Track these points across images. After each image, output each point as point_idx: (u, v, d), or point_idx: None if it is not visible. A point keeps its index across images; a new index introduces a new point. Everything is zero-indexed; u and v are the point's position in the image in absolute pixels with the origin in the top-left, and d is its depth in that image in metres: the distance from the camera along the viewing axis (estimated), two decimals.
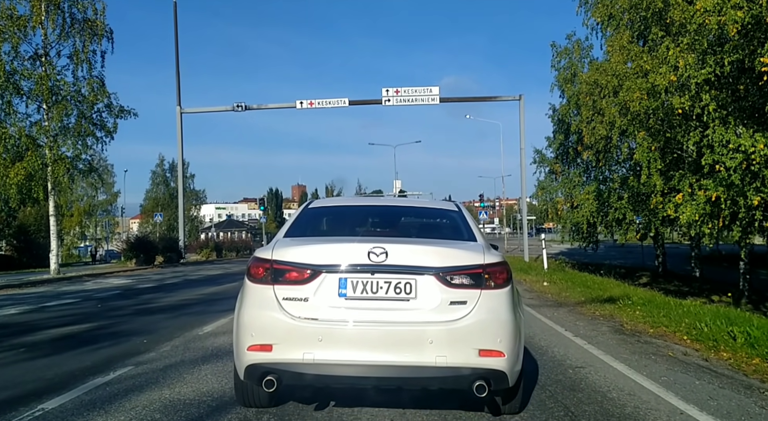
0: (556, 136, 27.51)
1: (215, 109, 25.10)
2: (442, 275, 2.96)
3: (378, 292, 2.96)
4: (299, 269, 3.00)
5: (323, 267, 2.98)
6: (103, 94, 17.28)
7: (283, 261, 3.03)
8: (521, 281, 13.14)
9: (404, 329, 2.91)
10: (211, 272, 17.94)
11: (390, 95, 24.07)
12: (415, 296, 2.95)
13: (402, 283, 2.96)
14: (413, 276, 2.96)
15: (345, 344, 2.90)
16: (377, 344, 2.89)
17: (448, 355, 2.86)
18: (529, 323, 7.27)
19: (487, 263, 3.04)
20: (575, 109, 24.60)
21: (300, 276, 2.99)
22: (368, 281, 2.97)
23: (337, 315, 2.93)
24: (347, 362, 2.88)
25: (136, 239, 21.92)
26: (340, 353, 2.88)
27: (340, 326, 2.92)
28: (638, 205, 19.81)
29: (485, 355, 2.88)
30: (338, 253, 3.04)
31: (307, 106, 24.24)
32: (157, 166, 61.84)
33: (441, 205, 4.40)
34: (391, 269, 2.96)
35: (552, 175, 27.96)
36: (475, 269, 3.01)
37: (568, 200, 26.72)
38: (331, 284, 2.97)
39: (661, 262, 26.84)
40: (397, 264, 2.96)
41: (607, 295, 9.41)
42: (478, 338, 2.90)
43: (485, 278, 3.01)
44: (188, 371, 4.57)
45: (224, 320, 7.16)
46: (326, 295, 2.96)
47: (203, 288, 12.19)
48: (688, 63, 14.01)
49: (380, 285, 2.97)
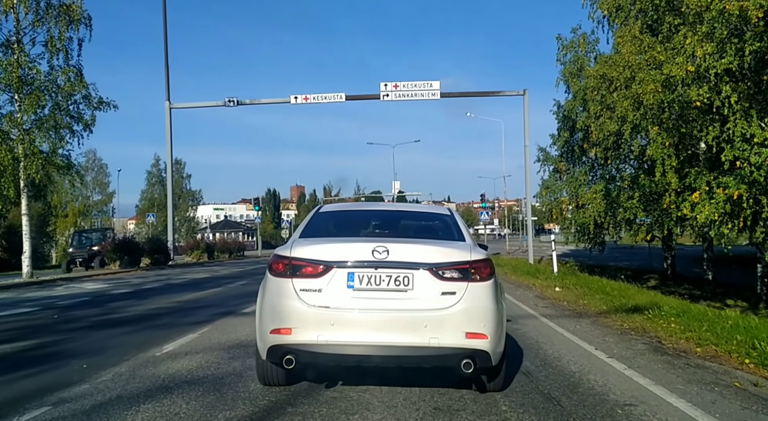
0: (560, 134, 26.47)
1: (206, 105, 24.03)
2: (435, 270, 3.46)
3: (381, 284, 3.45)
4: (314, 265, 3.49)
5: (334, 263, 3.47)
6: (80, 85, 16.11)
7: (300, 258, 3.54)
8: (531, 287, 12.07)
9: (403, 315, 3.40)
10: (198, 275, 16.86)
11: (389, 90, 23.02)
12: (412, 287, 3.44)
13: (401, 276, 3.45)
14: (411, 271, 3.45)
15: (352, 327, 3.38)
16: (380, 328, 3.39)
17: (440, 337, 3.36)
18: (550, 338, 6.21)
19: (473, 260, 3.54)
20: (581, 105, 23.56)
21: (314, 271, 3.48)
22: (372, 274, 3.46)
23: (346, 303, 3.42)
24: (354, 342, 3.37)
25: (120, 241, 20.78)
26: (349, 335, 3.37)
27: (349, 312, 3.40)
28: (650, 204, 18.80)
29: (471, 337, 3.38)
30: (347, 251, 3.53)
31: (302, 101, 23.17)
32: (152, 166, 60.90)
33: (435, 210, 5.12)
34: (392, 264, 3.46)
35: (556, 174, 26.95)
36: (463, 264, 3.50)
37: (573, 200, 25.73)
38: (340, 278, 3.46)
39: (670, 264, 25.79)
40: (396, 260, 3.46)
41: (631, 303, 8.34)
42: (465, 322, 3.39)
43: (472, 272, 3.50)
44: (121, 415, 3.48)
45: (191, 336, 6.08)
46: (337, 286, 3.45)
47: (182, 294, 11.10)
48: (706, 52, 13.01)
49: (382, 278, 3.46)
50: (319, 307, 3.41)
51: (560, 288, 11.22)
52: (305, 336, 3.39)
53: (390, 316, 3.40)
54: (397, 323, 3.40)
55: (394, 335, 3.38)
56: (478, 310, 3.44)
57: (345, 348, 3.38)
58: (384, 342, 3.37)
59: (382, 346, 3.37)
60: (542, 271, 15.06)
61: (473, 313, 3.42)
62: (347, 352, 3.40)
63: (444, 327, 3.37)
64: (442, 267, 3.47)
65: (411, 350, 3.37)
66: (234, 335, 6.15)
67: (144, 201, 62.71)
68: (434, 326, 3.36)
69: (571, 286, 11.14)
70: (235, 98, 22.97)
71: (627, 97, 16.63)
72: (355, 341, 3.37)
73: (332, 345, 3.37)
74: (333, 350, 3.38)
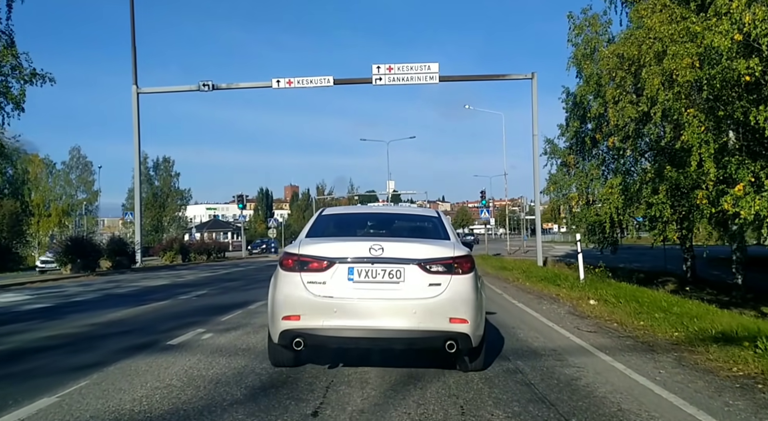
0: (570, 124, 24.18)
1: (178, 89, 21.61)
2: (423, 265, 4.11)
3: (377, 277, 4.10)
4: (319, 261, 4.13)
5: (336, 259, 4.12)
6: (8, 53, 13.50)
7: (307, 255, 4.18)
8: (556, 298, 9.78)
9: (396, 303, 4.04)
10: (155, 281, 14.47)
11: (381, 73, 20.67)
12: (403, 279, 4.09)
13: (394, 270, 4.10)
14: (402, 265, 4.10)
15: (353, 314, 4.02)
16: (376, 314, 4.03)
17: (427, 321, 4.01)
18: (641, 403, 3.81)
19: (455, 256, 4.18)
20: (594, 91, 21.24)
21: (320, 266, 4.12)
22: (369, 269, 4.11)
23: (347, 294, 4.06)
24: (354, 327, 4.01)
25: (72, 241, 18.23)
26: (349, 321, 4.01)
27: (349, 301, 4.05)
28: (677, 200, 16.57)
29: (454, 321, 4.02)
30: (347, 249, 4.19)
31: (285, 86, 20.81)
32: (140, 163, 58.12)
33: (424, 212, 5.94)
34: (386, 260, 4.10)
35: (564, 168, 24.62)
36: (447, 260, 4.15)
37: (583, 196, 23.47)
38: (342, 271, 4.10)
39: (690, 266, 23.48)
40: (390, 257, 4.11)
41: (711, 326, 6.06)
42: (449, 309, 4.04)
43: (455, 266, 4.14)
44: None
45: (42, 402, 3.62)
46: (339, 279, 4.09)
47: (110, 311, 8.60)
48: (757, 18, 10.83)
49: (378, 272, 4.10)
50: (323, 297, 4.04)
51: (596, 300, 8.91)
52: (312, 322, 4.01)
53: (385, 304, 4.03)
54: (390, 310, 4.02)
55: (388, 321, 4.00)
56: (459, 299, 4.06)
57: (346, 332, 4.00)
58: (380, 327, 3.99)
59: (378, 329, 3.99)
60: (563, 276, 12.75)
61: (456, 301, 4.04)
62: (348, 335, 4.02)
63: (431, 313, 4.00)
64: (429, 262, 4.11)
65: (403, 333, 4.00)
66: (116, 401, 3.75)
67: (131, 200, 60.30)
68: (422, 312, 3.99)
69: (610, 298, 8.82)
70: (210, 82, 20.57)
71: (657, 75, 14.32)
72: (354, 326, 3.99)
73: (335, 329, 3.99)
74: (336, 333, 4.00)
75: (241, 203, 33.33)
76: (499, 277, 15.54)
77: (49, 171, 58.46)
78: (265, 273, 16.92)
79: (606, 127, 22.29)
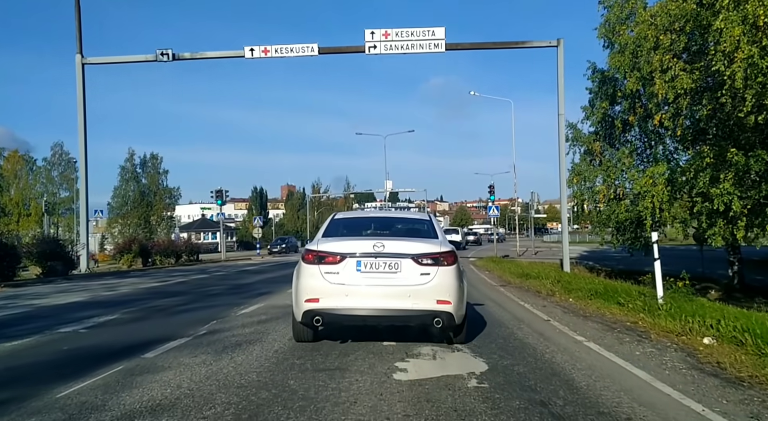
0: (596, 105, 20.74)
1: (131, 59, 18.10)
2: (416, 258, 5.14)
3: (379, 268, 5.12)
4: (333, 256, 5.18)
5: (347, 254, 5.17)
6: None
7: (324, 251, 5.24)
8: (635, 328, 6.42)
9: (394, 289, 5.08)
10: (70, 297, 10.59)
11: (376, 40, 17.20)
12: (400, 270, 5.12)
13: (393, 263, 5.13)
14: (399, 259, 5.14)
15: (360, 297, 5.07)
16: (379, 297, 5.07)
17: (419, 303, 5.04)
18: None
19: (442, 251, 5.24)
20: (631, 62, 17.77)
21: (334, 259, 5.16)
22: (373, 261, 5.12)
23: (355, 281, 5.10)
24: (362, 307, 5.07)
25: None
26: (358, 302, 5.06)
27: (357, 287, 5.08)
28: (744, 190, 13.26)
29: (440, 303, 5.06)
30: (355, 246, 5.23)
31: (261, 55, 17.35)
32: (126, 160, 55.35)
33: (419, 216, 7.42)
34: (387, 255, 5.14)
35: (588, 156, 21.15)
36: (435, 254, 5.19)
37: (611, 189, 20.02)
38: (352, 264, 5.13)
39: (736, 271, 20.00)
40: (390, 252, 5.14)
41: None
42: (436, 293, 5.07)
43: (441, 259, 5.17)
44: None
45: None
46: (349, 270, 5.12)
47: None
48: None
49: (380, 264, 5.12)
50: (337, 284, 5.09)
51: (711, 339, 5.49)
52: (329, 303, 5.07)
53: (385, 289, 5.07)
54: (390, 294, 5.06)
55: (389, 302, 5.05)
56: (444, 285, 5.10)
57: (355, 311, 5.07)
58: (382, 307, 5.05)
59: (380, 309, 5.05)
60: (621, 291, 9.31)
61: (441, 287, 5.08)
62: (357, 313, 5.08)
63: (422, 296, 5.05)
64: (421, 256, 5.15)
65: (399, 312, 5.05)
66: None
67: (117, 198, 57.17)
68: (415, 295, 5.04)
69: (738, 334, 5.37)
70: (169, 50, 17.09)
71: (737, 23, 10.95)
72: (362, 306, 5.06)
73: (347, 309, 5.06)
74: (348, 312, 5.08)
75: (220, 199, 29.80)
76: (526, 288, 12.09)
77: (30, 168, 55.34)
78: (227, 283, 13.42)
79: (640, 108, 18.96)
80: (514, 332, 6.44)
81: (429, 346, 5.53)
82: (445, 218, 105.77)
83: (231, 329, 6.45)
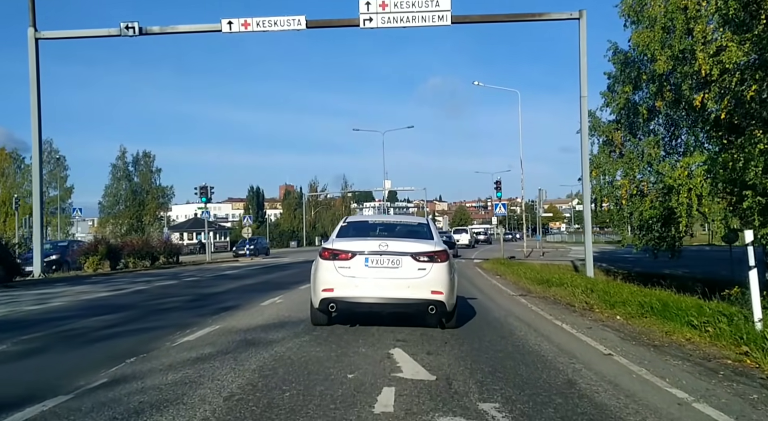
0: (617, 90, 18.62)
1: (91, 33, 15.97)
2: (414, 256, 6.06)
3: (384, 264, 6.05)
4: (345, 253, 6.14)
5: (357, 252, 6.11)
6: None
7: (338, 249, 6.22)
8: (753, 377, 4.17)
9: (396, 281, 5.99)
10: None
11: (371, 12, 15.08)
12: (401, 266, 6.05)
13: (395, 259, 6.05)
14: (400, 256, 6.05)
15: (368, 288, 6.00)
16: (384, 288, 5.99)
17: (417, 293, 5.98)
18: None
19: (436, 250, 6.19)
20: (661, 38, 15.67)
21: (346, 256, 6.11)
22: (379, 258, 6.06)
23: (364, 274, 6.03)
24: (369, 296, 6.02)
25: None
26: (365, 292, 6.01)
27: (365, 279, 6.02)
28: None
29: (434, 293, 5.97)
30: (364, 245, 6.19)
31: (240, 29, 15.21)
32: (117, 158, 53.59)
33: (417, 220, 8.33)
34: (390, 253, 6.06)
35: (608, 147, 19.05)
36: (430, 253, 6.13)
37: (634, 183, 17.99)
38: (361, 260, 6.08)
39: None
40: (393, 251, 6.07)
41: None
42: (431, 285, 5.97)
43: (435, 257, 6.11)
44: None
45: None
46: (359, 265, 6.07)
47: None
48: None
49: (384, 260, 6.06)
50: (349, 276, 6.03)
51: None
52: (341, 293, 6.02)
53: (389, 281, 5.98)
54: (392, 285, 5.97)
55: (391, 292, 5.97)
56: (438, 278, 6.00)
57: (363, 299, 6.03)
58: (385, 296, 5.99)
59: (384, 298, 6.00)
60: (685, 307, 7.10)
61: (435, 279, 5.99)
62: (365, 301, 6.05)
63: (419, 287, 5.95)
64: (418, 254, 6.08)
65: (400, 300, 6.00)
66: None
67: (108, 197, 55.36)
68: (413, 286, 5.96)
69: None
70: (135, 23, 14.96)
71: None
72: (369, 295, 6.01)
73: (356, 297, 6.02)
74: (357, 300, 6.03)
75: (204, 196, 27.69)
76: (553, 298, 9.86)
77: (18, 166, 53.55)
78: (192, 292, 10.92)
79: (669, 92, 16.86)
80: (575, 381, 4.18)
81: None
82: (444, 217, 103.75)
83: (146, 376, 4.23)
